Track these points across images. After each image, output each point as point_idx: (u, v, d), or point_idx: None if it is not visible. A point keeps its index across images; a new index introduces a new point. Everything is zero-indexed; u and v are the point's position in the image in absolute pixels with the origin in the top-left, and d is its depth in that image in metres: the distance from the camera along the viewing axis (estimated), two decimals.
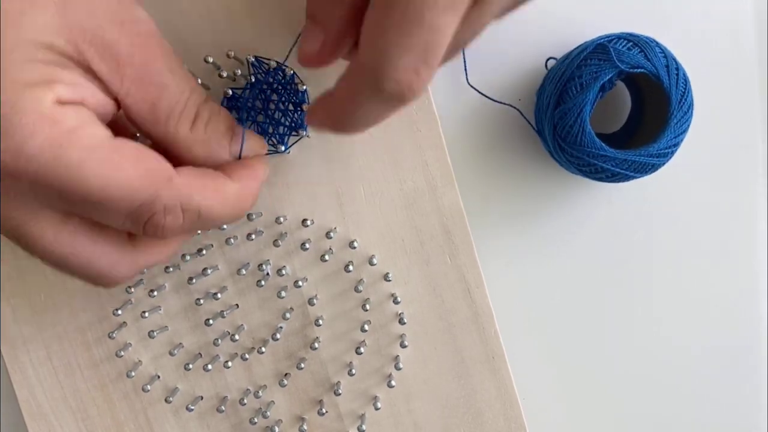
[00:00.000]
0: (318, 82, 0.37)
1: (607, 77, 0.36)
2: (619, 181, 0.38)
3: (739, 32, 0.41)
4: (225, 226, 0.39)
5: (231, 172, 0.32)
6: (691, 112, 0.37)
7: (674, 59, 0.37)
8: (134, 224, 0.29)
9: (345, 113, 0.30)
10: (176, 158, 0.31)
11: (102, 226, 0.30)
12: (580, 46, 0.38)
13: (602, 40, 0.37)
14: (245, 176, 0.32)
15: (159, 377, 0.41)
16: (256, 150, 0.34)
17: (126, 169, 0.27)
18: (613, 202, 0.43)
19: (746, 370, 0.45)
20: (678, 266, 0.44)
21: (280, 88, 0.37)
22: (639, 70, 0.36)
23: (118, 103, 0.29)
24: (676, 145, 0.37)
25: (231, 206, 0.31)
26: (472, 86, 0.40)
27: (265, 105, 0.37)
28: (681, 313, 0.44)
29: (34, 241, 0.29)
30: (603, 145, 0.37)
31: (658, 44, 0.37)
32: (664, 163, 0.38)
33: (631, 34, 0.37)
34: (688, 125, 0.37)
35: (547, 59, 0.40)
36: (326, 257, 0.39)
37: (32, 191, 0.27)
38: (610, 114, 0.43)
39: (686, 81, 0.37)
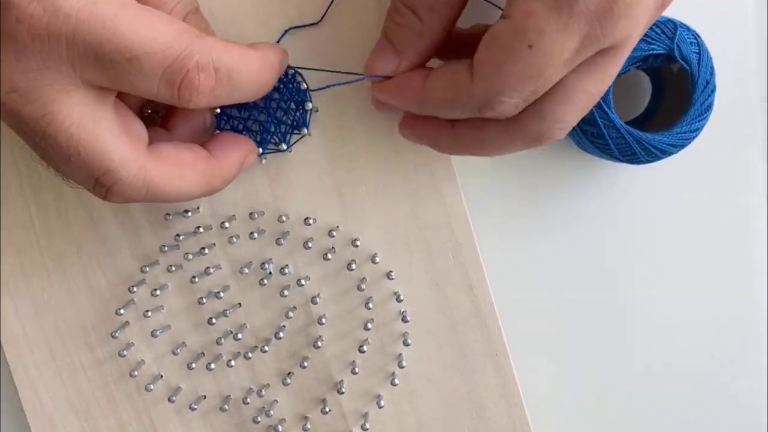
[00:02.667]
0: (320, 81, 0.37)
1: (638, 59, 0.36)
2: (633, 163, 0.38)
3: (739, 31, 0.41)
4: (227, 224, 0.39)
5: (252, 45, 0.33)
6: (713, 98, 0.37)
7: (703, 43, 0.37)
8: (169, 85, 0.29)
9: (434, 108, 0.32)
10: None
11: (126, 123, 0.30)
12: None
13: None
14: (263, 47, 0.33)
15: (162, 377, 0.41)
16: None
17: (158, 25, 0.28)
18: (616, 198, 0.43)
19: (753, 369, 0.45)
20: (683, 261, 0.44)
21: (281, 86, 0.37)
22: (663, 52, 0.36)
23: None
24: (698, 129, 0.37)
25: (255, 73, 0.32)
26: None
27: (267, 104, 0.37)
28: (687, 309, 0.44)
29: (56, 121, 0.28)
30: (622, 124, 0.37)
31: (687, 27, 0.37)
32: (684, 146, 0.38)
33: (662, 18, 0.37)
34: (711, 110, 0.37)
35: None
36: (329, 256, 0.39)
37: (70, 56, 0.27)
38: (630, 101, 0.42)
39: (712, 65, 0.37)
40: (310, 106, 0.37)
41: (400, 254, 0.40)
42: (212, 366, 0.40)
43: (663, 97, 0.42)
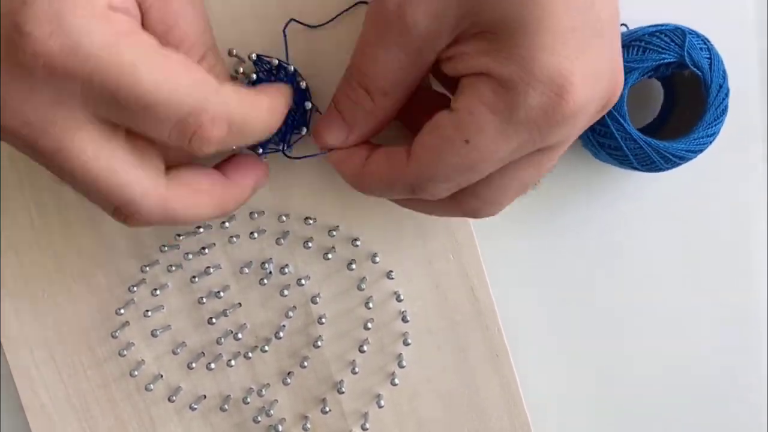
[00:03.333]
0: (320, 79, 0.37)
1: (651, 67, 0.36)
2: (653, 171, 0.38)
3: (739, 31, 0.41)
4: (227, 224, 0.39)
5: (260, 89, 0.33)
6: (727, 101, 0.37)
7: (714, 47, 0.37)
8: (180, 135, 0.29)
9: (371, 188, 0.33)
10: None
11: (142, 152, 0.30)
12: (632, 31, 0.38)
13: (651, 30, 0.37)
14: (273, 93, 0.33)
15: (162, 376, 0.41)
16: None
17: (177, 75, 0.28)
18: (618, 202, 0.43)
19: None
20: (686, 265, 0.44)
21: None
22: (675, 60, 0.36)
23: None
24: (714, 134, 0.37)
25: (265, 119, 0.32)
26: None
27: None
28: (689, 310, 0.44)
29: (71, 157, 0.28)
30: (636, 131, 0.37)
31: (696, 33, 0.37)
32: (701, 151, 0.38)
33: (671, 27, 0.37)
34: (726, 114, 0.37)
35: None
36: (329, 255, 0.39)
37: (84, 95, 0.27)
38: (642, 108, 0.42)
39: (724, 68, 0.37)
40: (309, 105, 0.37)
41: (400, 254, 0.40)
42: (212, 366, 0.40)
43: (675, 103, 0.42)
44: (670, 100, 0.42)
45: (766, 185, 0.43)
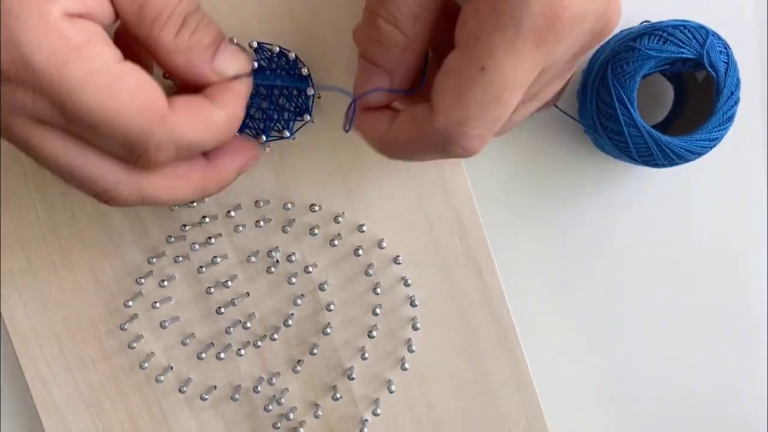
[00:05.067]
0: (321, 65, 0.37)
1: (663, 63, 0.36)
2: (650, 165, 0.38)
3: (739, 32, 0.41)
4: (233, 214, 0.39)
5: (215, 96, 0.32)
6: (736, 109, 0.37)
7: (732, 54, 0.37)
8: (128, 154, 0.29)
9: (398, 151, 0.32)
10: (159, 63, 0.32)
11: None
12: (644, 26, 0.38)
13: (668, 24, 0.37)
14: (230, 101, 0.32)
15: (172, 368, 0.41)
16: (241, 68, 0.33)
17: (123, 101, 0.28)
18: (625, 196, 0.43)
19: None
20: (686, 261, 0.44)
21: (283, 73, 0.37)
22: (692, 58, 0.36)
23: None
24: (717, 139, 0.37)
25: (220, 134, 0.32)
26: None
27: (270, 91, 0.37)
28: (689, 305, 0.44)
29: (44, 153, 0.29)
30: (649, 128, 0.37)
31: (718, 36, 0.37)
32: (701, 154, 0.38)
33: (696, 24, 0.37)
34: (732, 121, 0.37)
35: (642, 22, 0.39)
36: (335, 242, 0.39)
37: (35, 103, 0.27)
38: (652, 106, 0.42)
39: (738, 77, 0.37)
40: (312, 91, 0.37)
41: (407, 239, 0.40)
42: (222, 355, 0.40)
43: (685, 106, 0.41)
44: (680, 104, 0.42)
45: (766, 187, 0.43)
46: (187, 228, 0.39)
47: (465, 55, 0.28)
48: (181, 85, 0.33)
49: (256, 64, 0.37)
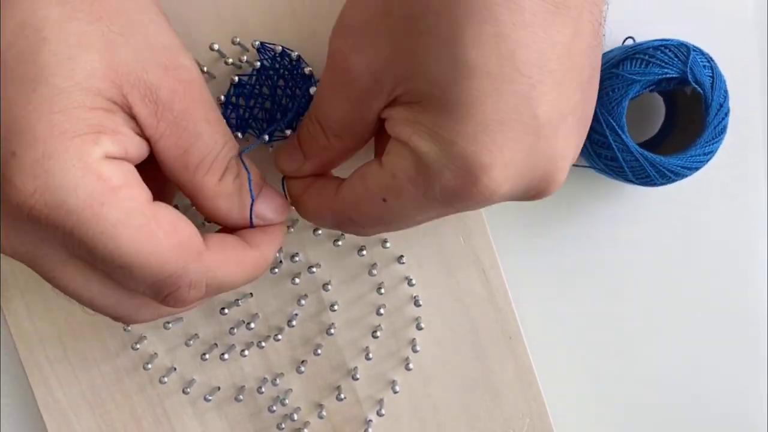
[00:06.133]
0: (324, 64, 0.37)
1: (649, 84, 0.36)
2: (648, 185, 0.38)
3: (739, 35, 0.41)
4: None
5: (251, 238, 0.32)
6: (727, 120, 0.37)
7: (717, 67, 0.37)
8: (156, 294, 0.29)
9: (304, 214, 0.34)
10: (198, 207, 0.32)
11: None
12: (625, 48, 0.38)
13: (653, 44, 0.37)
14: (264, 243, 0.33)
15: (175, 369, 0.41)
16: (281, 212, 0.34)
17: (159, 240, 0.28)
18: (628, 195, 0.43)
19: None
20: (689, 271, 0.44)
21: (286, 73, 0.37)
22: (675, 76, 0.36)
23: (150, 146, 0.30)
24: (711, 152, 0.37)
25: (248, 274, 0.32)
26: None
27: (273, 91, 0.37)
28: (690, 310, 0.44)
29: (64, 285, 0.29)
30: (637, 147, 0.37)
31: (700, 51, 0.37)
32: (698, 169, 0.38)
33: (676, 42, 0.37)
34: (724, 133, 0.37)
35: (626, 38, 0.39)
36: (339, 242, 0.39)
37: (64, 241, 0.27)
38: (643, 123, 0.42)
39: (725, 88, 0.37)
40: (314, 91, 0.37)
41: (410, 238, 0.40)
42: (225, 356, 0.40)
43: (676, 120, 0.41)
44: (672, 117, 0.42)
45: (766, 193, 0.42)
46: None
47: (377, 179, 0.30)
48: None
49: (258, 64, 0.37)
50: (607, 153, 0.37)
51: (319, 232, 0.39)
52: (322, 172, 0.34)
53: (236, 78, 0.37)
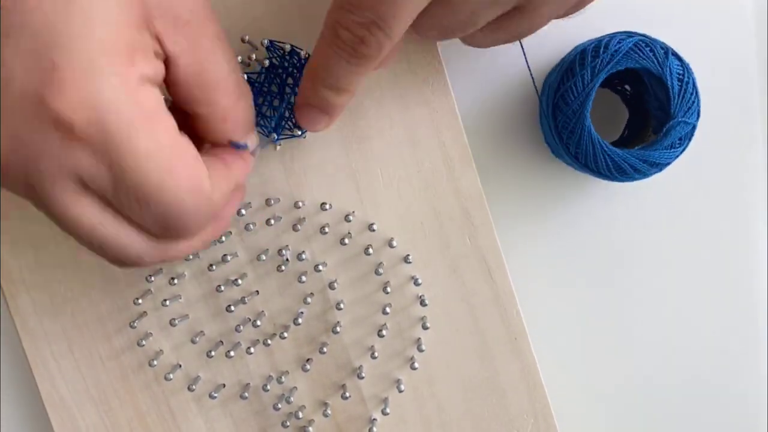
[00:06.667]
0: None
1: (603, 77, 0.36)
2: (624, 181, 0.38)
3: (738, 35, 0.41)
4: (244, 212, 0.39)
5: (231, 162, 0.32)
6: (697, 104, 0.37)
7: (675, 54, 0.37)
8: (162, 229, 0.29)
9: (321, 82, 0.32)
10: (200, 124, 0.31)
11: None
12: (577, 47, 0.38)
13: (596, 42, 0.37)
14: (239, 171, 0.33)
15: (181, 366, 0.41)
16: (253, 146, 0.34)
17: (181, 181, 0.27)
18: (629, 192, 0.43)
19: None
20: (686, 261, 0.44)
21: (295, 71, 0.37)
22: (633, 66, 0.36)
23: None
24: (683, 139, 0.37)
25: (233, 206, 0.33)
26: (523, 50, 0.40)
27: (281, 89, 0.37)
28: (691, 305, 0.44)
29: (77, 223, 0.28)
30: (606, 144, 0.37)
31: (654, 40, 0.37)
32: (669, 162, 0.38)
33: (625, 33, 0.37)
34: (695, 118, 0.37)
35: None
36: (345, 241, 0.39)
37: (91, 166, 0.26)
38: (608, 123, 0.42)
39: (690, 76, 0.37)
40: None
41: (417, 238, 0.40)
42: (231, 354, 0.40)
43: (646, 106, 0.41)
44: (639, 117, 0.42)
45: (766, 186, 0.43)
46: None
47: None
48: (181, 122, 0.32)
49: (267, 62, 0.37)
50: (581, 152, 0.37)
51: (326, 230, 0.39)
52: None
53: (245, 76, 0.37)
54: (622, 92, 0.42)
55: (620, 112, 0.42)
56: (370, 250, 0.39)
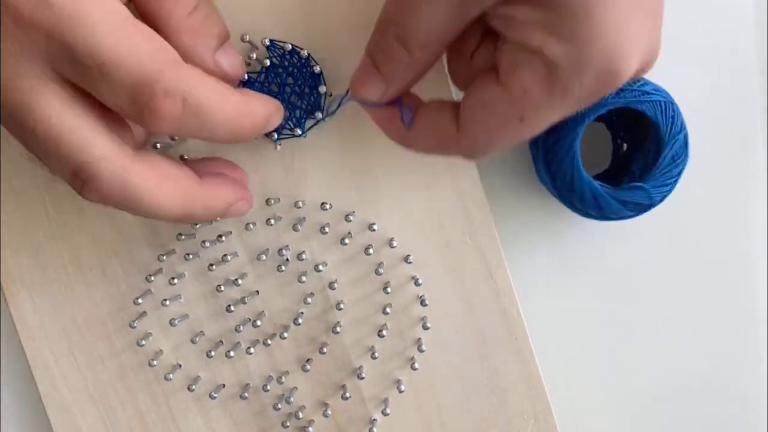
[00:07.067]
0: (334, 63, 0.37)
1: (589, 120, 0.36)
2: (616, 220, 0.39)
3: (739, 36, 0.41)
4: None
5: (242, 90, 0.32)
6: (686, 150, 0.37)
7: (668, 96, 0.37)
8: (133, 102, 0.28)
9: (418, 150, 0.33)
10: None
11: (111, 123, 0.30)
12: None
13: None
14: (253, 96, 0.32)
15: (181, 366, 0.41)
16: (236, 67, 0.34)
17: (137, 41, 0.28)
18: None
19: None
20: (687, 276, 0.44)
21: (295, 71, 0.37)
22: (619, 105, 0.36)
23: None
24: (669, 184, 0.37)
25: (230, 116, 0.30)
26: None
27: (281, 89, 0.37)
28: (692, 314, 0.44)
29: (36, 113, 0.28)
30: (598, 188, 0.37)
31: (648, 83, 0.37)
32: (659, 201, 0.38)
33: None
34: (683, 164, 0.37)
35: None
36: (346, 241, 0.39)
37: (47, 49, 0.27)
38: (599, 151, 0.42)
39: (681, 120, 0.37)
40: (324, 89, 0.37)
41: (417, 238, 0.40)
42: (231, 354, 0.40)
43: (637, 141, 0.41)
44: (627, 146, 0.42)
45: (766, 192, 0.43)
46: (197, 226, 0.39)
47: (508, 100, 0.28)
48: None
49: (267, 62, 0.37)
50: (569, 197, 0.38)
51: (326, 230, 0.39)
52: (405, 93, 0.32)
53: (245, 75, 0.37)
54: (609, 124, 0.42)
55: (607, 142, 0.43)
56: (371, 250, 0.39)
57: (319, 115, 0.37)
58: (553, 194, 0.39)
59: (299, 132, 0.38)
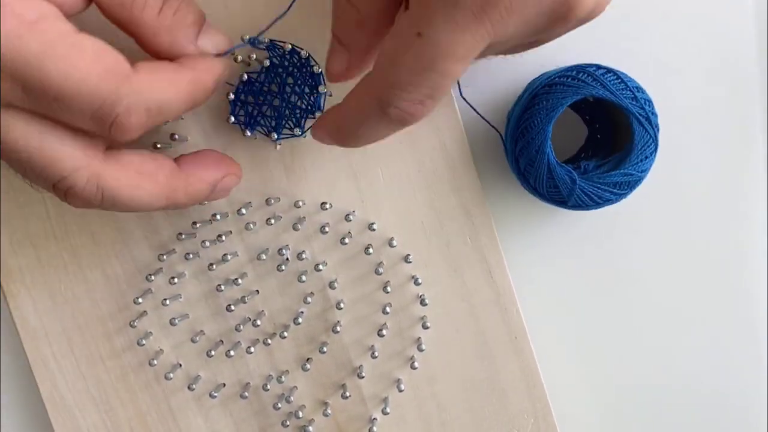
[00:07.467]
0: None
1: (559, 112, 0.37)
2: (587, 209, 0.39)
3: (739, 36, 0.41)
4: (244, 211, 0.39)
5: (185, 60, 0.32)
6: (656, 142, 0.37)
7: (637, 86, 0.37)
8: (99, 125, 0.28)
9: (349, 129, 0.32)
10: (142, 45, 0.31)
11: (76, 131, 0.30)
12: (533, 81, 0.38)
13: (552, 77, 0.37)
14: (200, 63, 0.32)
15: (181, 365, 0.41)
16: (220, 46, 0.34)
17: (85, 66, 0.27)
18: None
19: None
20: (686, 265, 0.44)
21: (295, 71, 0.37)
22: (592, 96, 0.36)
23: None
24: (643, 171, 0.38)
25: (185, 94, 0.31)
26: (465, 100, 0.40)
27: (281, 89, 0.37)
28: (690, 307, 0.44)
29: (4, 138, 0.28)
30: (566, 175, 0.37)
31: (616, 73, 0.37)
32: (635, 186, 0.38)
33: (583, 65, 0.37)
34: (654, 151, 0.37)
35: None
36: (346, 240, 0.39)
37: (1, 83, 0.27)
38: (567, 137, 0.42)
39: (651, 109, 0.37)
40: (323, 89, 0.37)
41: (417, 238, 0.40)
42: (231, 353, 0.40)
43: (611, 129, 0.41)
44: (599, 134, 0.42)
45: (766, 188, 0.43)
46: (197, 225, 0.39)
47: (407, 17, 0.28)
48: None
49: (267, 62, 0.37)
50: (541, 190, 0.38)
51: (326, 230, 0.39)
52: (365, 62, 0.33)
53: (245, 75, 0.37)
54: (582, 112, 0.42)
55: (580, 129, 0.42)
56: (370, 250, 0.39)
57: (319, 114, 0.37)
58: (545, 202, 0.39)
59: (299, 132, 0.38)
